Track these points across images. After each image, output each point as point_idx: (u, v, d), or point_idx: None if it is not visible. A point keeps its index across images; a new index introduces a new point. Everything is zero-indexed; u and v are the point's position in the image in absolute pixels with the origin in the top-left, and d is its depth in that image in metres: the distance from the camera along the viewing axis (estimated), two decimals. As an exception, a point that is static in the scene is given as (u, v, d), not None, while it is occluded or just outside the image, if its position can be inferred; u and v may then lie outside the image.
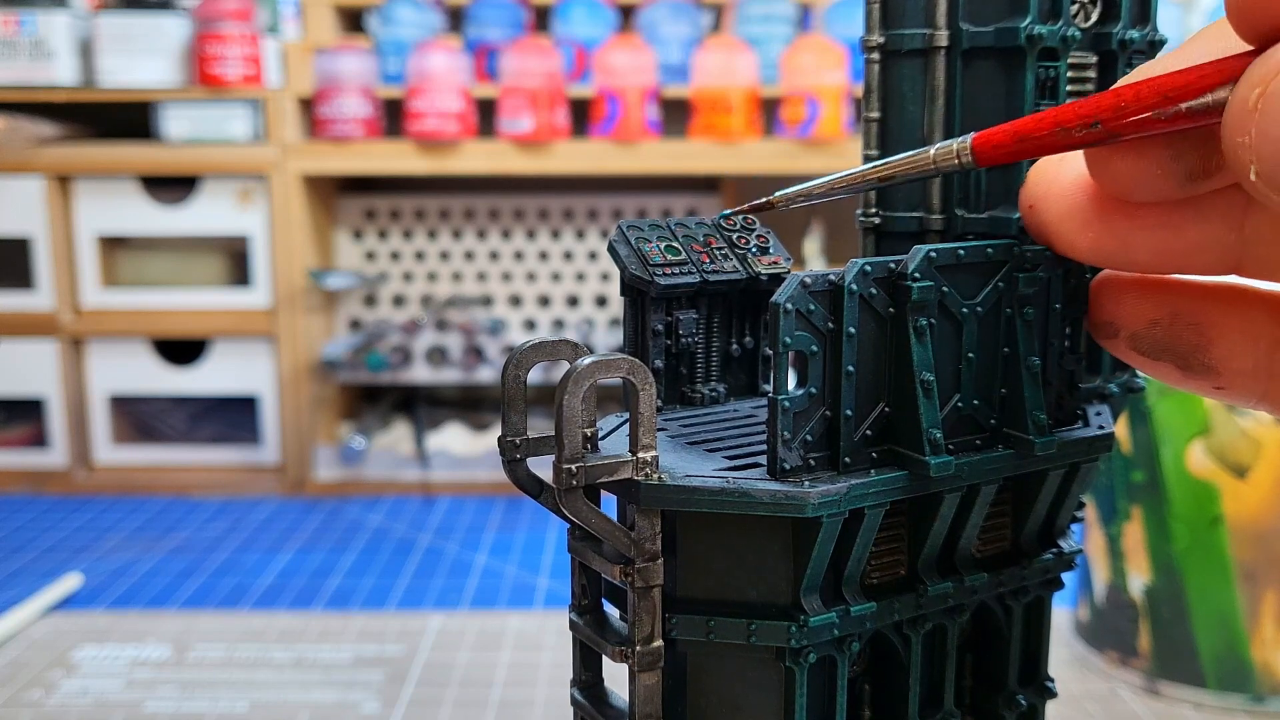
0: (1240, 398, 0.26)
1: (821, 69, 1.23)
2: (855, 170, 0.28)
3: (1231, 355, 0.25)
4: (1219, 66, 0.21)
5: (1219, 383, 0.26)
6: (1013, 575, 0.30)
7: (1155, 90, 0.22)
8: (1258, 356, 0.25)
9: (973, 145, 0.25)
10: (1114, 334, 0.27)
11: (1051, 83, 0.29)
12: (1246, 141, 0.20)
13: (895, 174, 0.27)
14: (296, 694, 0.76)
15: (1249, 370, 0.25)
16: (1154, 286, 0.27)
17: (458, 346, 1.33)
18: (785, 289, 0.25)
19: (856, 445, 0.27)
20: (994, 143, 0.25)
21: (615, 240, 0.32)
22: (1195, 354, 0.26)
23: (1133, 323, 0.27)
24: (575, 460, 0.25)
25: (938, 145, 0.26)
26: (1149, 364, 0.27)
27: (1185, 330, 0.26)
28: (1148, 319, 0.26)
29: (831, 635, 0.27)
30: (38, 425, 1.30)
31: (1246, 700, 0.71)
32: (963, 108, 0.30)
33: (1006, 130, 0.24)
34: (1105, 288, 0.28)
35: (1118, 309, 0.27)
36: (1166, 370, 0.27)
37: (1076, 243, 0.26)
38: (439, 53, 1.25)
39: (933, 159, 0.26)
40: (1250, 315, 0.25)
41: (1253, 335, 0.25)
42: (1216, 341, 0.25)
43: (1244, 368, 0.25)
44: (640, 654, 0.26)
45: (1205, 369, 0.26)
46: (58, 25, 1.25)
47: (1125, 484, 0.74)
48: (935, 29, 0.30)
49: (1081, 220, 0.26)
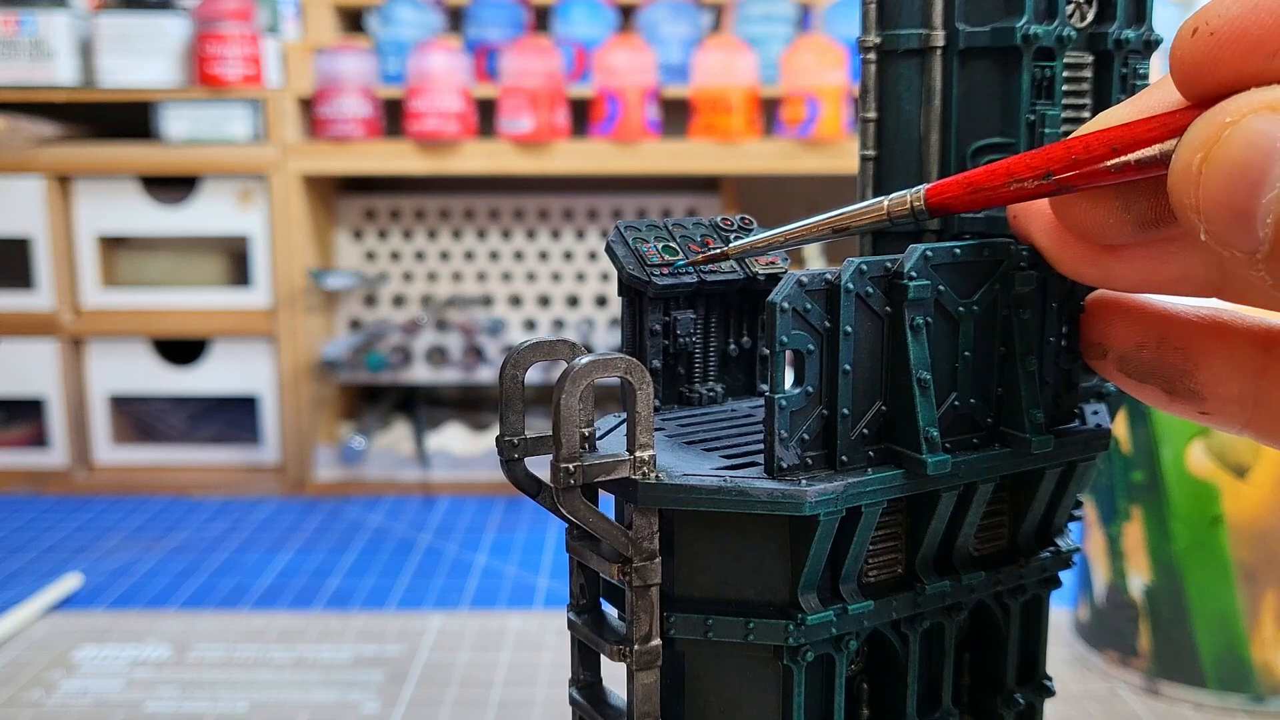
0: (1224, 423, 0.26)
1: (821, 69, 1.23)
2: (810, 220, 0.28)
3: (1216, 381, 0.26)
4: (1165, 121, 0.21)
5: (1204, 408, 0.26)
6: (1010, 574, 0.31)
7: (1104, 142, 0.22)
8: (1242, 383, 0.25)
9: (925, 196, 0.25)
10: (1102, 355, 0.28)
11: (1047, 82, 0.29)
12: (1193, 203, 0.20)
13: (850, 224, 0.27)
14: (296, 694, 0.76)
15: (1233, 397, 0.25)
16: (1142, 311, 0.27)
17: (458, 346, 1.33)
18: (782, 288, 0.26)
19: (853, 444, 0.27)
20: (947, 194, 0.25)
21: (613, 241, 0.32)
22: (1181, 379, 0.26)
23: (1120, 345, 0.27)
24: (573, 459, 0.25)
25: (892, 196, 0.26)
26: (1136, 386, 0.27)
27: (1171, 354, 0.26)
28: (1135, 342, 0.27)
29: (829, 634, 0.27)
30: (38, 425, 1.30)
31: (1246, 700, 0.71)
32: (959, 107, 0.30)
33: (959, 181, 0.25)
34: (1095, 309, 0.28)
35: (1106, 330, 0.28)
36: (1153, 393, 0.27)
37: (1058, 260, 0.26)
38: (439, 53, 1.25)
39: (886, 210, 0.26)
40: (1235, 343, 0.25)
41: (1237, 363, 0.25)
42: (1202, 367, 0.26)
43: (1228, 394, 0.26)
44: (638, 653, 0.26)
45: (1190, 394, 0.26)
46: (58, 25, 1.25)
47: (1125, 484, 0.74)
48: (931, 29, 0.30)
49: (1060, 241, 0.26)
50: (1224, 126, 0.19)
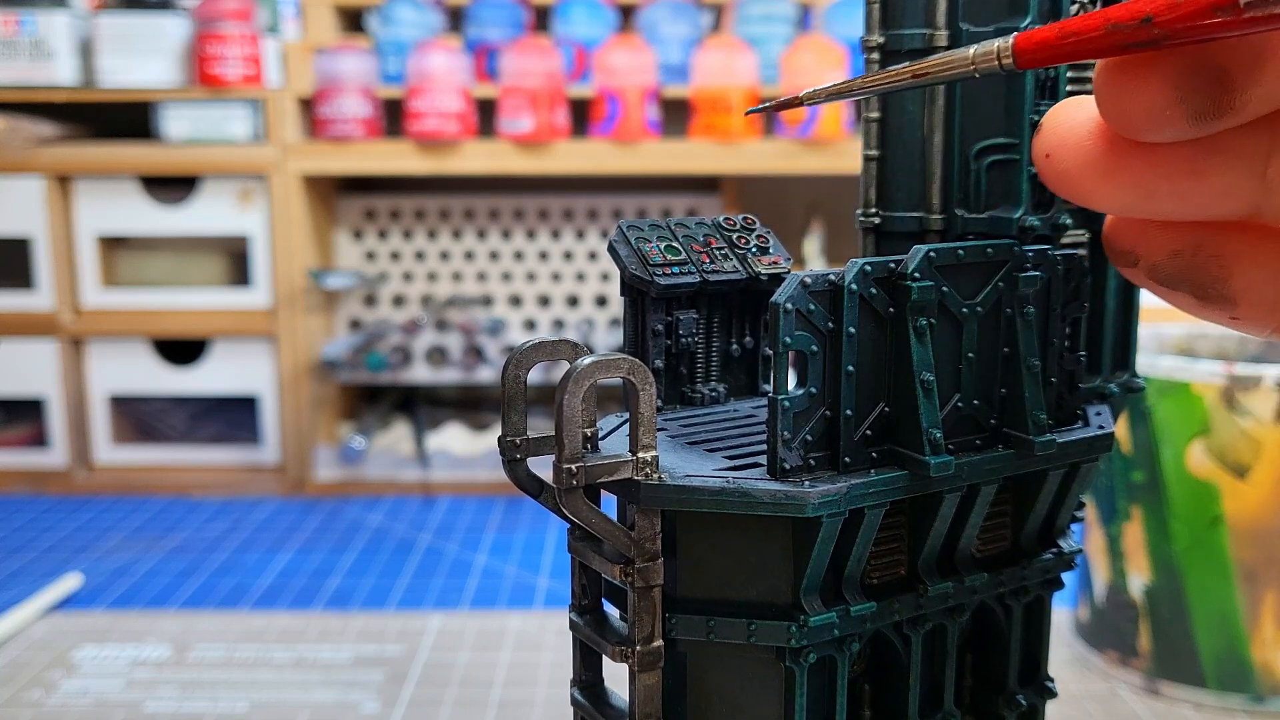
0: (1254, 328, 0.26)
1: (821, 69, 1.22)
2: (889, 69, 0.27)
3: (1251, 287, 0.25)
4: None
5: (1235, 313, 0.26)
6: (1013, 575, 0.30)
7: None
8: (1276, 289, 0.25)
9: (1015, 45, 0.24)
10: (1133, 262, 0.27)
11: (1051, 83, 0.29)
12: None
13: (930, 73, 0.26)
14: (296, 694, 0.76)
15: (1268, 302, 0.25)
16: None
17: (458, 346, 1.33)
18: (785, 289, 0.25)
19: (856, 445, 0.26)
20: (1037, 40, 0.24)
21: (615, 240, 0.32)
22: (1214, 285, 0.26)
23: (1154, 253, 0.27)
24: (575, 460, 0.25)
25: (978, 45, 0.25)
26: (1167, 293, 0.27)
27: (1206, 262, 0.26)
28: (1169, 249, 0.26)
29: (831, 635, 0.27)
30: (38, 425, 1.30)
31: (1246, 700, 0.71)
32: (963, 108, 0.30)
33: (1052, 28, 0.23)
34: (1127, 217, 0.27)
35: (1140, 238, 0.27)
36: (1184, 299, 0.26)
37: (1096, 191, 0.25)
38: (439, 53, 1.25)
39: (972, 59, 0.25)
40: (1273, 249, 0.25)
41: (1273, 269, 0.25)
42: (1237, 274, 0.25)
43: (1263, 299, 0.25)
44: (640, 654, 0.26)
45: (1223, 299, 0.26)
46: (58, 25, 1.25)
47: (1125, 484, 0.74)
48: (935, 29, 0.30)
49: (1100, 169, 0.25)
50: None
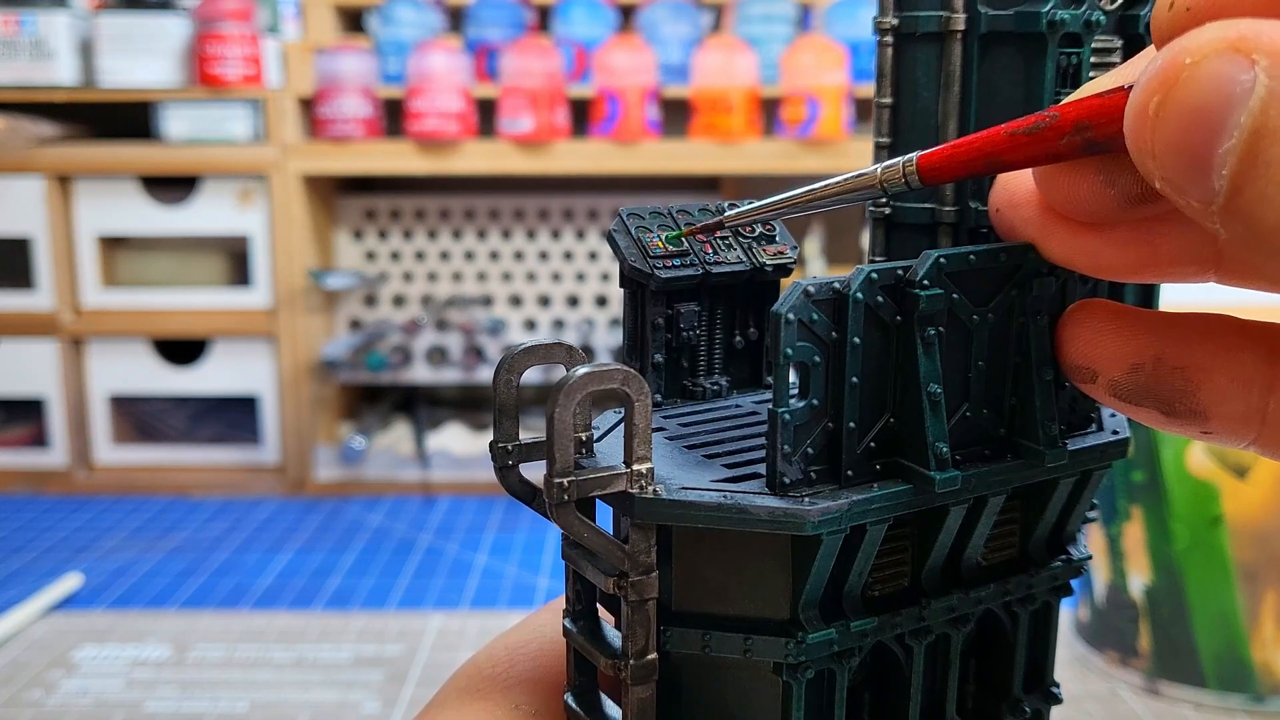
0: (1229, 440, 0.24)
1: (821, 69, 1.22)
2: (801, 190, 0.27)
3: (1220, 400, 0.24)
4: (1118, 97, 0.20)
5: (1206, 427, 0.24)
6: (1020, 583, 0.30)
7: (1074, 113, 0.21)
8: (1249, 400, 0.23)
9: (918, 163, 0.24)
10: (1091, 379, 0.25)
11: (1074, 70, 0.28)
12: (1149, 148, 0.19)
13: (841, 194, 0.26)
14: (296, 694, 0.76)
15: (1239, 415, 0.24)
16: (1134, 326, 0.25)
17: (458, 346, 1.33)
18: (787, 298, 0.25)
19: (859, 458, 0.26)
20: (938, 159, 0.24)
21: (615, 230, 0.31)
22: (1181, 399, 0.24)
23: (1112, 369, 0.25)
24: (566, 474, 0.25)
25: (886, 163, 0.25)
26: (1130, 409, 0.25)
27: (1170, 375, 0.24)
28: (1129, 364, 0.25)
29: (830, 651, 0.26)
30: (38, 425, 1.30)
31: (1246, 700, 0.71)
32: (979, 94, 0.28)
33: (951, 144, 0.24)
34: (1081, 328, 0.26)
35: (1095, 353, 0.25)
36: (1149, 415, 0.25)
37: (1046, 251, 0.25)
38: (439, 53, 1.25)
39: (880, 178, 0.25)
40: (1239, 358, 0.24)
41: (1243, 379, 0.23)
42: (1204, 386, 0.24)
43: (1233, 412, 0.24)
44: (634, 667, 0.26)
45: (1191, 414, 0.24)
46: (58, 25, 1.25)
47: (1125, 484, 0.74)
48: (952, 11, 0.28)
49: (1047, 230, 0.25)
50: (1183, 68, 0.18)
